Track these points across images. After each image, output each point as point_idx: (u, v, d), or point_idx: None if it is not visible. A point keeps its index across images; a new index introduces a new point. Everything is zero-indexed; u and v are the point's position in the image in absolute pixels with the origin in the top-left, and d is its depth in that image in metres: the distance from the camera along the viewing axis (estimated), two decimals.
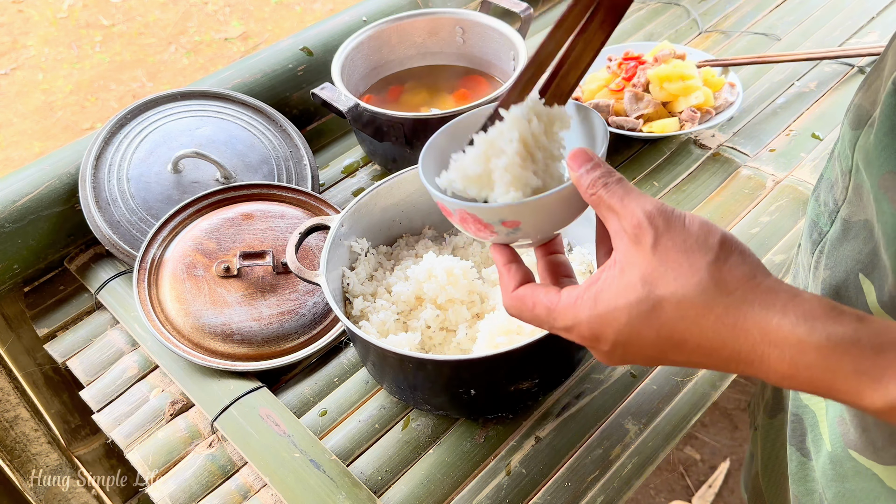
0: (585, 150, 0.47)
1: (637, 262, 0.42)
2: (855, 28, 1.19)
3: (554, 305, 0.46)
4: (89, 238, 0.94)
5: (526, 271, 0.51)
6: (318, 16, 3.18)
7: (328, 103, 0.95)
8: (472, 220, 0.50)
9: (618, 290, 0.43)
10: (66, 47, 3.09)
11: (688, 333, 0.41)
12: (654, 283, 0.41)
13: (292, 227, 0.87)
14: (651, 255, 0.42)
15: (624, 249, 0.43)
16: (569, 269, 0.53)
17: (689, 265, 0.41)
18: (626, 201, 0.43)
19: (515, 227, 0.50)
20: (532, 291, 0.49)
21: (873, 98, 0.47)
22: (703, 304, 0.40)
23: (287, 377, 0.81)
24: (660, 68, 1.02)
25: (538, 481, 0.70)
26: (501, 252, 0.52)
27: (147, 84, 2.87)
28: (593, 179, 0.45)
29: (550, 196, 0.48)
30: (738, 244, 0.42)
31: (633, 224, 0.43)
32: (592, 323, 0.44)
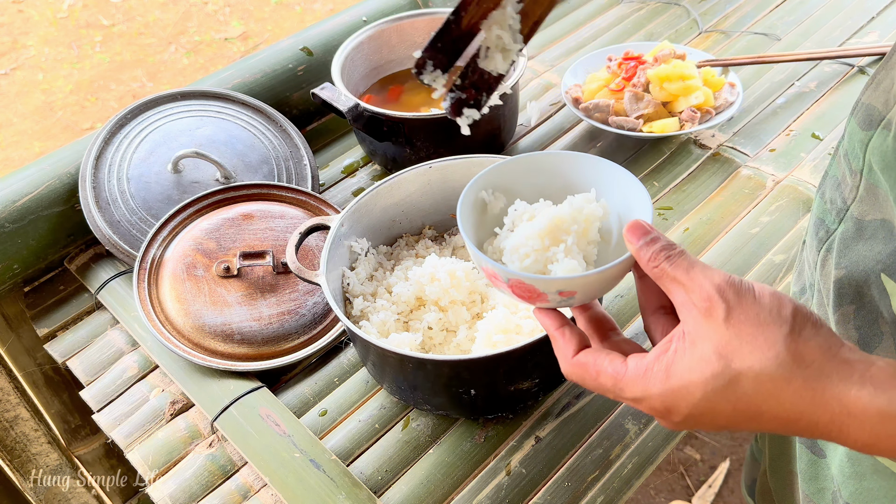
0: (641, 223, 0.48)
1: (710, 336, 0.42)
2: (855, 28, 1.19)
3: (621, 376, 0.46)
4: (89, 238, 0.94)
5: (581, 335, 0.51)
6: (318, 16, 3.18)
7: (328, 103, 0.95)
8: (526, 288, 0.50)
9: (691, 363, 0.42)
10: (66, 47, 3.09)
11: (765, 406, 0.41)
12: (730, 356, 0.41)
13: (292, 227, 0.87)
14: (724, 328, 0.41)
15: (694, 322, 0.43)
16: (613, 323, 0.53)
17: (765, 338, 0.41)
18: (692, 274, 0.44)
19: (571, 296, 0.50)
20: (595, 359, 0.48)
21: (884, 98, 0.47)
22: (781, 378, 0.40)
23: (287, 377, 0.81)
24: (660, 68, 1.02)
25: (538, 481, 0.70)
26: (551, 317, 0.52)
27: (147, 84, 2.87)
28: (654, 253, 0.46)
29: (610, 269, 0.49)
30: (811, 314, 0.42)
31: (703, 297, 0.42)
32: (665, 397, 0.44)
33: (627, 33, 1.25)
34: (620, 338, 0.52)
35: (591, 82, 1.07)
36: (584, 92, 1.07)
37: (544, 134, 1.08)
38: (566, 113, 1.11)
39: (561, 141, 1.07)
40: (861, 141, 0.48)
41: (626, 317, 0.82)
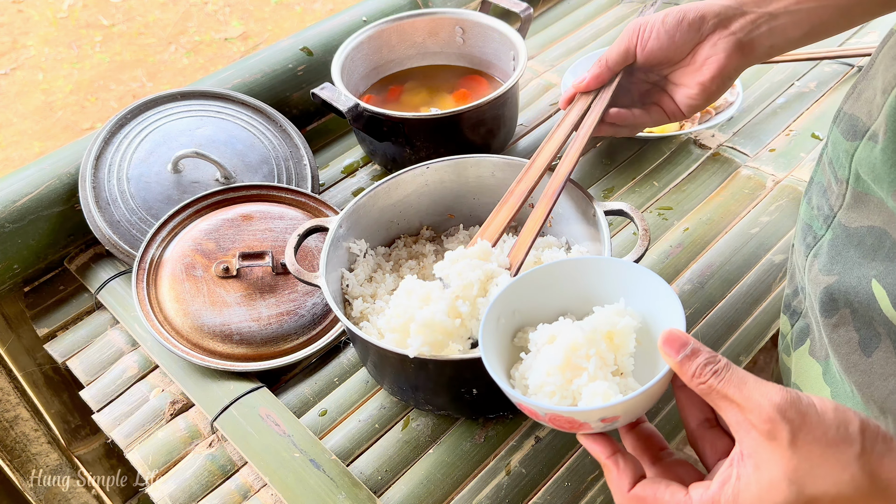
0: (678, 334, 0.45)
1: (776, 460, 0.40)
2: (855, 28, 1.19)
3: None
4: (89, 238, 0.94)
5: (635, 464, 0.48)
6: (318, 16, 3.18)
7: (328, 103, 0.95)
8: (566, 420, 0.48)
9: (759, 490, 0.40)
10: (66, 47, 3.09)
11: None
12: (802, 482, 0.39)
13: (291, 228, 0.87)
14: (791, 451, 0.39)
15: (754, 444, 0.41)
16: (662, 441, 0.51)
17: (837, 460, 0.39)
18: (745, 392, 0.41)
19: (614, 420, 0.48)
20: (654, 492, 0.45)
21: (867, 109, 0.47)
22: (859, 499, 0.39)
23: (287, 377, 0.81)
24: None
25: (538, 481, 0.70)
26: (601, 444, 0.49)
27: (147, 84, 2.87)
28: (699, 367, 0.43)
29: (649, 389, 0.47)
30: (878, 429, 0.40)
31: (763, 419, 0.40)
32: None
33: None
34: (673, 458, 0.50)
35: None
36: None
37: (544, 134, 1.08)
38: None
39: None
40: (846, 151, 0.48)
41: None
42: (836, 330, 0.52)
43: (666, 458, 0.49)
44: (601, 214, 0.72)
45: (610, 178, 1.00)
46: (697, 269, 0.87)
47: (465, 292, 0.65)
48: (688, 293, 0.84)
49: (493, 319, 0.56)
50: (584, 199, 0.76)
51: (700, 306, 0.83)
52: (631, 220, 0.72)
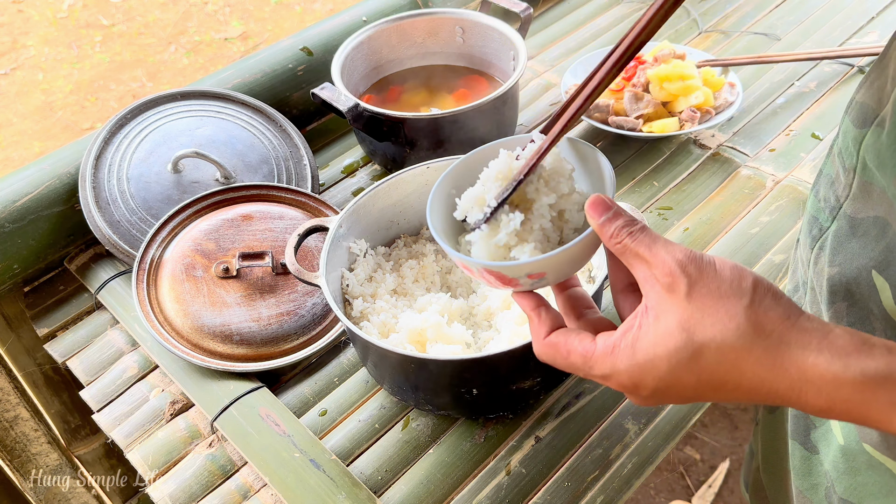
0: (602, 199, 0.47)
1: (673, 310, 0.43)
2: (855, 28, 1.19)
3: (590, 354, 0.47)
4: (89, 238, 0.94)
5: (556, 315, 0.51)
6: (318, 16, 3.18)
7: (328, 103, 0.95)
8: (496, 276, 0.51)
9: (656, 338, 0.43)
10: (66, 47, 3.09)
11: (728, 376, 0.42)
12: (692, 329, 0.42)
13: (291, 228, 0.87)
14: (686, 302, 0.42)
15: (657, 297, 0.44)
16: (589, 301, 0.53)
17: (726, 311, 0.42)
18: (654, 249, 0.44)
19: (541, 277, 0.50)
20: (566, 339, 0.49)
21: (878, 96, 0.47)
22: (742, 348, 0.41)
23: (287, 377, 0.81)
24: (660, 68, 1.02)
25: (538, 481, 0.70)
26: (528, 298, 0.52)
27: (147, 84, 2.87)
28: (617, 228, 0.46)
29: (573, 247, 0.49)
30: (770, 285, 0.43)
31: (665, 272, 0.43)
32: (632, 372, 0.45)
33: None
34: (595, 316, 0.52)
35: None
36: None
37: None
38: None
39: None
40: (855, 139, 0.49)
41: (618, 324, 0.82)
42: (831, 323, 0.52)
43: (589, 315, 0.52)
44: None
45: None
46: None
47: None
48: None
49: (443, 191, 0.57)
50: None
51: None
52: None
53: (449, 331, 0.73)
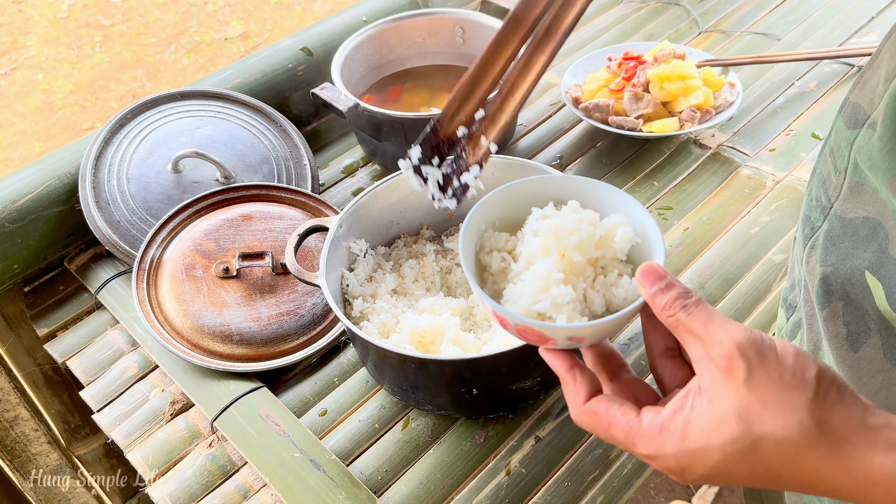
0: (655, 267, 0.45)
1: (730, 396, 0.40)
2: (855, 28, 1.19)
3: (634, 431, 0.44)
4: (89, 238, 0.94)
5: (591, 378, 0.48)
6: (318, 16, 3.18)
7: (328, 103, 0.95)
8: (532, 333, 0.49)
9: (709, 424, 0.41)
10: (66, 47, 3.09)
11: (785, 470, 0.40)
12: (750, 420, 0.40)
13: (291, 228, 0.87)
14: (745, 389, 0.40)
15: (712, 379, 0.41)
16: (621, 359, 0.51)
17: (788, 402, 0.39)
18: (710, 327, 0.41)
19: (580, 340, 0.49)
20: (607, 409, 0.46)
21: (870, 97, 0.47)
22: (804, 444, 0.39)
23: (287, 377, 0.81)
24: (660, 68, 1.02)
25: (538, 481, 0.70)
26: (560, 358, 0.49)
27: (147, 84, 2.87)
28: (670, 301, 0.44)
29: (621, 317, 0.47)
30: (834, 376, 0.41)
31: (722, 355, 0.41)
32: (681, 457, 0.42)
33: (627, 33, 1.25)
34: (630, 376, 0.50)
35: (590, 82, 1.07)
36: (584, 92, 1.07)
37: (544, 134, 1.08)
38: (566, 113, 1.11)
39: (561, 141, 1.07)
40: (847, 139, 0.48)
41: None
42: (826, 323, 0.52)
43: (623, 375, 0.50)
44: None
45: (610, 178, 1.00)
46: (698, 269, 0.87)
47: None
48: None
49: (473, 228, 0.55)
50: None
51: None
52: None
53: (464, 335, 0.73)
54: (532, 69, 0.59)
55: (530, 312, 0.50)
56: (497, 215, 0.57)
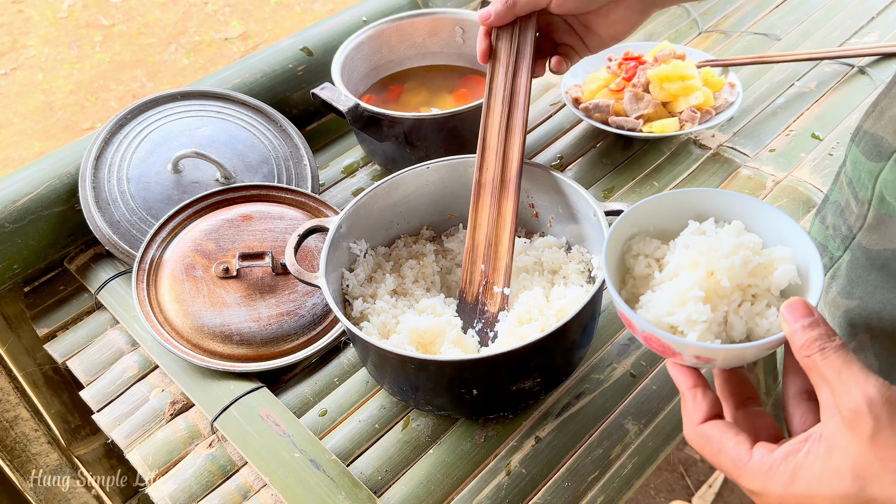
0: (804, 303, 0.43)
1: (849, 450, 0.39)
2: (855, 28, 1.19)
3: (742, 463, 0.44)
4: (89, 238, 0.94)
5: (713, 401, 0.48)
6: (318, 16, 3.18)
7: (328, 103, 0.95)
8: (660, 344, 0.48)
9: (822, 474, 0.40)
10: (66, 47, 3.09)
11: None
12: (867, 479, 0.38)
13: (291, 229, 0.87)
14: (867, 447, 0.38)
15: (835, 429, 0.40)
16: (752, 390, 0.50)
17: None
18: (844, 376, 0.40)
19: (709, 361, 0.48)
20: (721, 435, 0.45)
21: (893, 128, 0.45)
22: None
23: (287, 377, 0.81)
24: (660, 68, 1.02)
25: (538, 481, 0.70)
26: (686, 374, 0.49)
27: (147, 84, 2.87)
28: (810, 340, 0.42)
29: (753, 347, 0.46)
30: None
31: (850, 407, 0.39)
32: (785, 499, 0.41)
33: None
34: (758, 409, 0.49)
35: (591, 82, 1.07)
36: (584, 92, 1.07)
37: (544, 134, 1.08)
38: (566, 113, 1.11)
39: (561, 141, 1.07)
40: (869, 172, 0.47)
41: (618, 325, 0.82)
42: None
43: (751, 407, 0.49)
44: (601, 214, 0.72)
45: (610, 178, 1.00)
46: None
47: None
48: None
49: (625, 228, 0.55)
50: (584, 200, 0.76)
51: None
52: None
53: (464, 336, 0.73)
54: (505, 216, 0.74)
55: (661, 323, 0.50)
56: (652, 221, 0.55)
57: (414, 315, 0.75)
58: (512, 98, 0.76)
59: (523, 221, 0.86)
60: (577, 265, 0.78)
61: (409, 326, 0.72)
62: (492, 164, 0.76)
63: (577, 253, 0.80)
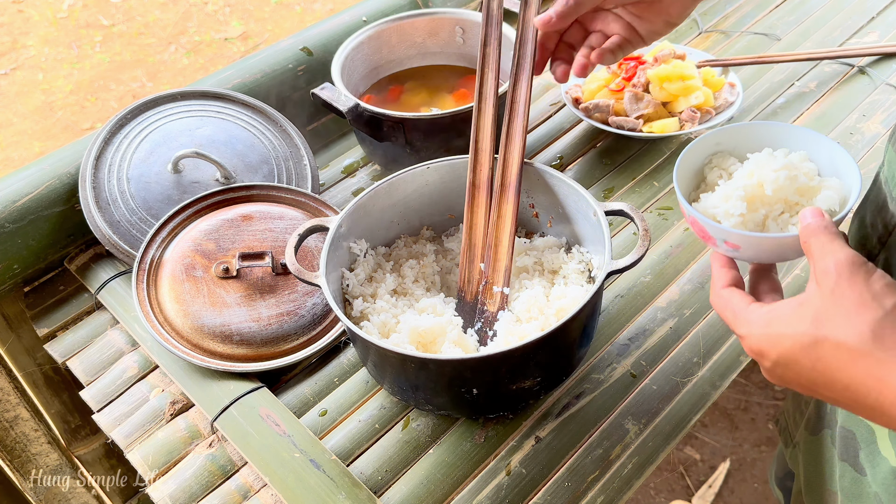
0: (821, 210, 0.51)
1: (814, 301, 0.47)
2: (855, 28, 1.19)
3: (739, 313, 0.52)
4: (89, 238, 0.94)
5: (737, 276, 0.56)
6: (318, 16, 3.18)
7: (328, 103, 0.95)
8: (700, 228, 0.58)
9: (790, 319, 0.48)
10: (66, 47, 3.09)
11: (838, 374, 0.45)
12: (822, 321, 0.46)
13: (291, 228, 0.87)
14: (828, 297, 0.46)
15: (809, 287, 0.48)
16: (775, 285, 0.56)
17: (858, 315, 0.44)
18: (825, 249, 0.48)
19: (735, 248, 0.56)
20: (730, 294, 0.54)
21: None
22: (857, 352, 0.44)
23: (287, 377, 0.81)
24: (660, 68, 1.02)
25: (538, 481, 0.70)
26: (720, 257, 0.57)
27: (147, 84, 2.87)
28: (814, 227, 0.50)
29: (773, 238, 0.54)
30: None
31: (821, 269, 0.47)
32: (761, 340, 0.49)
33: None
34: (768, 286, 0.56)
35: (591, 82, 1.07)
36: (584, 92, 1.07)
37: (544, 134, 1.08)
38: (566, 113, 1.11)
39: (561, 141, 1.07)
40: None
41: (627, 317, 0.82)
42: None
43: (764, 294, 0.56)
44: (601, 214, 0.72)
45: (610, 178, 1.00)
46: (698, 269, 0.87)
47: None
48: (688, 293, 0.84)
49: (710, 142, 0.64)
50: (584, 200, 0.76)
51: (700, 306, 0.83)
52: (631, 220, 0.72)
53: (464, 336, 0.73)
54: (505, 217, 0.75)
55: (707, 213, 0.60)
56: (736, 144, 0.64)
57: (414, 315, 0.75)
58: (512, 106, 0.78)
59: (523, 221, 0.86)
60: (577, 265, 0.78)
61: (410, 326, 0.72)
62: (485, 165, 0.78)
63: (577, 253, 0.80)
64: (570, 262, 0.79)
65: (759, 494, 1.57)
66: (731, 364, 0.78)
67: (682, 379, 0.76)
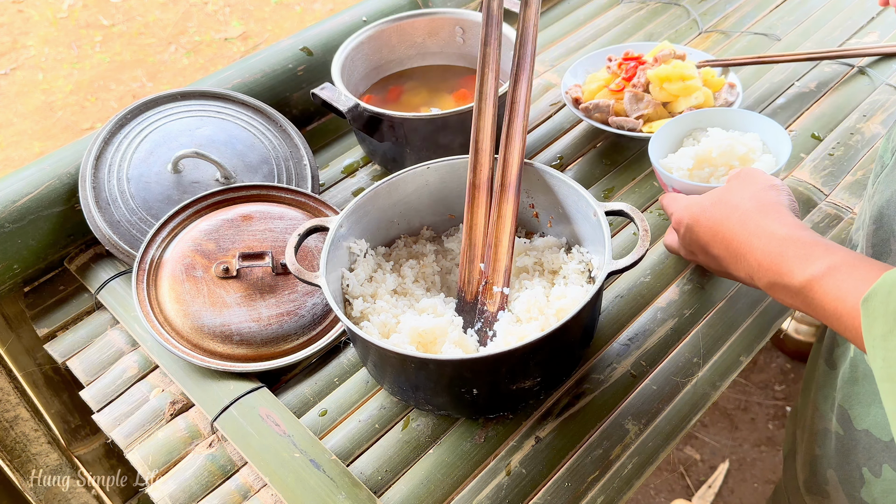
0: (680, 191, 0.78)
1: (720, 189, 0.68)
2: (855, 28, 1.19)
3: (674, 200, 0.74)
4: (89, 238, 0.94)
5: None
6: (318, 16, 3.18)
7: (328, 103, 0.95)
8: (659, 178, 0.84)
9: (702, 198, 0.69)
10: (66, 47, 3.09)
11: (720, 227, 0.64)
12: (718, 196, 0.66)
13: (291, 229, 0.87)
14: (728, 184, 0.68)
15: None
16: None
17: (741, 190, 0.65)
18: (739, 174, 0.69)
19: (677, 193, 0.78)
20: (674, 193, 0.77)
21: None
22: (734, 208, 0.63)
23: (287, 377, 0.81)
24: (660, 68, 1.02)
25: (538, 481, 0.70)
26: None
27: (147, 84, 2.87)
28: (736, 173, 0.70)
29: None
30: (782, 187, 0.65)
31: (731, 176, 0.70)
32: (681, 211, 0.71)
33: (627, 33, 1.25)
34: None
35: (591, 82, 1.07)
36: (584, 92, 1.07)
37: (544, 134, 1.08)
38: (566, 113, 1.11)
39: (561, 141, 1.07)
40: None
41: (627, 317, 0.82)
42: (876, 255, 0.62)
43: None
44: (602, 214, 0.72)
45: (610, 178, 1.00)
46: (698, 269, 0.87)
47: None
48: (688, 293, 0.84)
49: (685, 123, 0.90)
50: (584, 200, 0.76)
51: (700, 306, 0.83)
52: (631, 220, 0.72)
53: (464, 336, 0.73)
54: (505, 218, 0.76)
55: (666, 166, 0.84)
56: (711, 122, 0.89)
57: (414, 315, 0.75)
58: (512, 106, 0.79)
59: (523, 221, 0.86)
60: (577, 265, 0.78)
61: (410, 326, 0.72)
62: (485, 165, 0.78)
63: (577, 253, 0.80)
64: (570, 263, 0.79)
65: (759, 494, 1.57)
66: (731, 364, 0.78)
67: (682, 379, 0.76)
